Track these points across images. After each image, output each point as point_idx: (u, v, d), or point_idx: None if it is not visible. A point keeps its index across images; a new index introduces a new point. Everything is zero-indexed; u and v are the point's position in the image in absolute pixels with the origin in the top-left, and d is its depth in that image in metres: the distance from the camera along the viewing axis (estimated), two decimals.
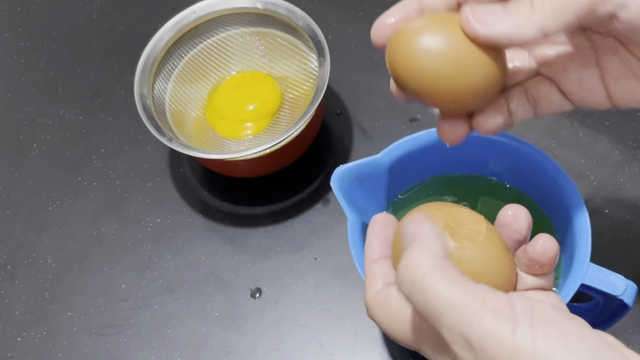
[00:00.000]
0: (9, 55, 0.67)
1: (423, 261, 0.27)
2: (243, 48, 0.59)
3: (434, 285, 0.26)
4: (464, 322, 0.25)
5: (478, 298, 0.26)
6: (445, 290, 0.26)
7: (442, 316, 0.26)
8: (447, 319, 0.26)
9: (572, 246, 0.40)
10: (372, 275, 0.32)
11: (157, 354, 0.51)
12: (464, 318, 0.25)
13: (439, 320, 0.26)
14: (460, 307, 0.26)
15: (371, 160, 0.42)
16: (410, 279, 0.27)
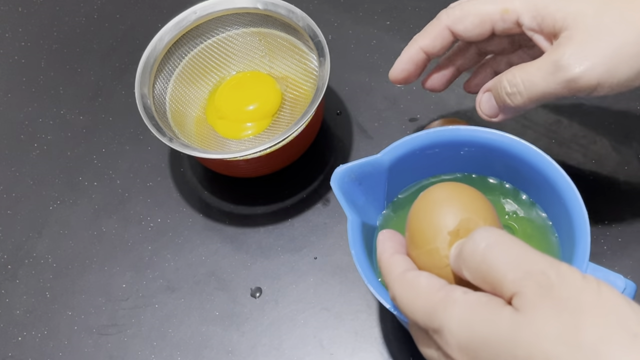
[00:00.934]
0: (9, 55, 0.67)
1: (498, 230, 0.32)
2: (243, 48, 0.59)
3: (516, 241, 0.31)
4: (545, 265, 0.29)
5: (552, 258, 0.30)
6: (526, 246, 0.30)
7: (523, 263, 0.29)
8: (529, 264, 0.29)
9: (572, 246, 0.40)
10: (392, 262, 0.35)
11: (158, 354, 0.51)
12: (543, 262, 0.29)
13: (517, 268, 0.29)
14: (541, 259, 0.30)
15: (371, 160, 0.42)
16: (490, 235, 0.31)
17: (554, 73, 0.38)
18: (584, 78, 0.38)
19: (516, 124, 0.56)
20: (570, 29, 0.38)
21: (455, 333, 0.30)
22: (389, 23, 0.64)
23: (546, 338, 0.27)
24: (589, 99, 0.57)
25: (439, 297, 0.31)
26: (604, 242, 0.50)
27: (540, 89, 0.39)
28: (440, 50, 0.44)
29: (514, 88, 0.40)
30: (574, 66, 0.38)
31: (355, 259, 0.40)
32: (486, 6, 0.41)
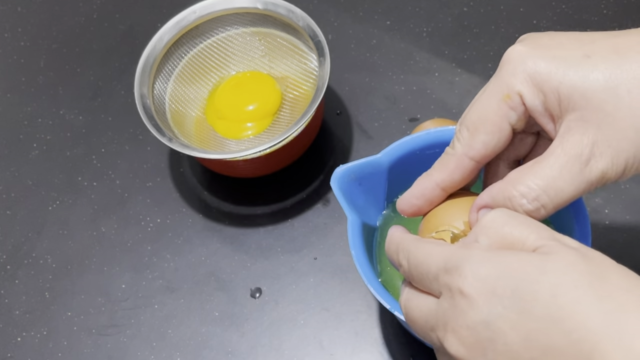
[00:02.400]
0: (9, 55, 0.67)
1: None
2: (243, 48, 0.59)
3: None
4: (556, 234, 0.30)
5: None
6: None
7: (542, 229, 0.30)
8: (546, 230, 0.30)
9: None
10: (407, 235, 0.35)
11: (157, 354, 0.51)
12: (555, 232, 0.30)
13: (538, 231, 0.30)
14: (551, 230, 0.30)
15: (371, 160, 0.42)
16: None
17: (581, 171, 0.31)
18: (612, 169, 0.31)
19: None
20: (581, 109, 0.31)
21: (475, 265, 0.28)
22: (389, 23, 0.64)
23: (575, 271, 0.27)
24: None
25: (457, 246, 0.31)
26: (605, 242, 0.50)
27: (569, 194, 0.31)
28: (462, 182, 0.36)
29: (536, 202, 0.32)
30: (600, 159, 0.31)
31: (355, 259, 0.40)
32: (490, 103, 0.33)
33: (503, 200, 0.32)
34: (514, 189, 0.32)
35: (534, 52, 0.32)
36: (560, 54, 0.32)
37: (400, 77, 0.60)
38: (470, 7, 0.63)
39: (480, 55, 0.60)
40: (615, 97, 0.30)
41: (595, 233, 0.40)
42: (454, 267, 0.29)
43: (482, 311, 0.28)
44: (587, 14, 0.61)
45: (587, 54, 0.31)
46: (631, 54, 0.31)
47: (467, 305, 0.28)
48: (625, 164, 0.31)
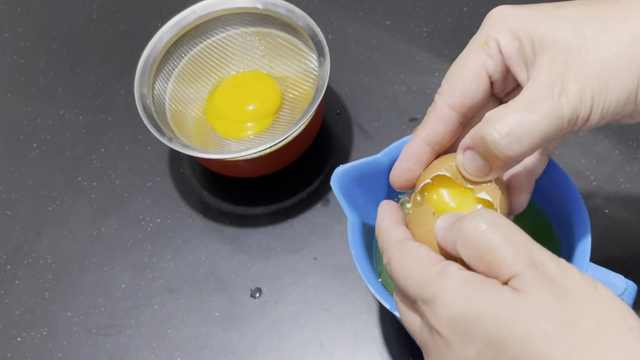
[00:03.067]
0: (8, 55, 0.67)
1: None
2: (243, 48, 0.59)
3: (515, 227, 0.30)
4: (548, 255, 0.29)
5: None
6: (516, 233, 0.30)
7: (521, 247, 0.29)
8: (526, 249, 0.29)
9: (572, 246, 0.40)
10: (394, 230, 0.34)
11: (157, 354, 0.51)
12: (545, 253, 0.29)
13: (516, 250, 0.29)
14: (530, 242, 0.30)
15: (371, 160, 0.42)
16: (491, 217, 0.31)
17: (552, 107, 0.32)
18: (581, 105, 0.32)
19: None
20: (550, 51, 0.33)
21: (449, 304, 0.29)
22: (389, 23, 0.64)
23: (546, 318, 0.27)
24: None
25: (436, 269, 0.31)
26: (605, 242, 0.50)
27: (542, 129, 0.32)
28: (446, 135, 0.36)
29: (509, 137, 0.32)
30: (570, 94, 0.32)
31: (355, 259, 0.40)
32: (469, 54, 0.35)
33: (480, 139, 0.33)
34: (487, 126, 0.33)
35: (513, 8, 0.35)
36: (536, 8, 0.35)
37: (400, 77, 0.60)
38: (470, 7, 0.63)
39: None
40: (581, 37, 0.33)
41: (595, 233, 0.40)
42: (430, 299, 0.30)
43: (458, 353, 0.29)
44: None
45: (559, 5, 0.34)
46: (597, 4, 0.34)
47: (443, 344, 0.29)
48: (592, 101, 0.32)
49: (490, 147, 0.33)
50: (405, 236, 0.34)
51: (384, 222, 0.35)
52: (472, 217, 0.31)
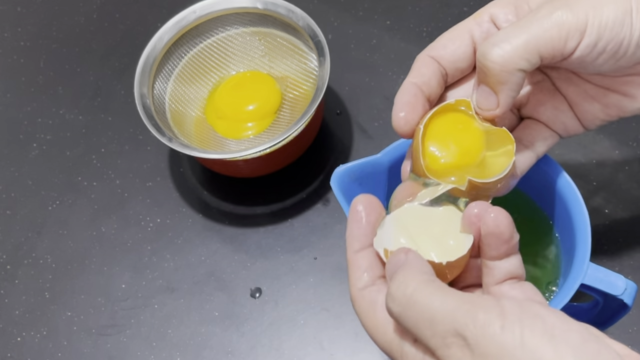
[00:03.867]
0: (8, 55, 0.67)
1: (413, 277, 0.29)
2: (243, 48, 0.59)
3: (427, 296, 0.28)
4: (459, 322, 0.26)
5: (469, 301, 0.27)
6: (438, 298, 0.27)
7: (436, 323, 0.27)
8: (441, 324, 0.27)
9: (572, 246, 0.40)
10: (356, 267, 0.32)
11: (157, 354, 0.51)
12: (458, 318, 0.27)
13: (433, 328, 0.27)
14: (454, 310, 0.27)
15: (371, 160, 0.42)
16: (402, 295, 0.28)
17: (543, 16, 0.33)
18: (573, 19, 0.33)
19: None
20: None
21: None
22: (389, 23, 0.64)
23: None
24: None
25: (395, 337, 0.30)
26: (605, 242, 0.50)
27: (534, 35, 0.33)
28: (432, 78, 0.36)
29: (499, 45, 0.33)
30: (563, 5, 0.33)
31: None
32: (461, 23, 0.37)
33: (477, 61, 0.34)
34: (482, 44, 0.34)
35: None
36: None
37: (401, 77, 0.60)
38: (470, 7, 0.63)
39: None
40: None
41: (595, 233, 0.40)
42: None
43: None
44: None
45: None
46: None
47: None
48: (587, 15, 0.32)
49: (482, 61, 0.33)
50: (365, 281, 0.32)
51: (347, 248, 0.33)
52: (386, 299, 0.29)
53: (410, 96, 0.36)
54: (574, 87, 0.38)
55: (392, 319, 0.30)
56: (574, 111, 0.38)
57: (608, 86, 0.37)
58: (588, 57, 0.33)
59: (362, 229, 0.33)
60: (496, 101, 0.35)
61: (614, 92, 0.37)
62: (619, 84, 0.36)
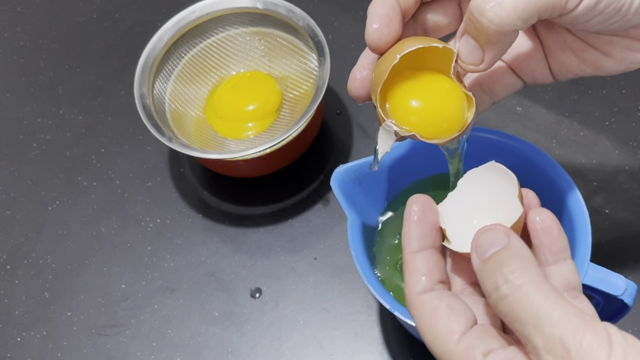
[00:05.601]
0: (8, 55, 0.67)
1: (527, 269, 0.28)
2: (243, 48, 0.59)
3: (539, 294, 0.27)
4: (567, 334, 0.26)
5: (579, 316, 0.27)
6: (551, 301, 0.27)
7: (542, 323, 0.26)
8: (548, 327, 0.26)
9: (573, 246, 0.40)
10: (414, 268, 0.31)
11: (157, 354, 0.51)
12: (566, 331, 0.26)
13: (538, 327, 0.26)
14: (565, 320, 0.26)
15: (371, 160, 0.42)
16: (516, 285, 0.27)
17: None
18: None
19: (517, 124, 0.56)
20: None
21: None
22: None
23: None
24: (590, 99, 0.57)
25: (458, 350, 0.29)
26: (605, 243, 0.50)
27: None
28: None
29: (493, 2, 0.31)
30: None
31: (355, 259, 0.40)
32: None
33: (468, 14, 0.32)
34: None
35: None
36: None
37: None
38: None
39: None
40: None
41: (595, 233, 0.39)
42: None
43: None
44: None
45: None
46: None
47: None
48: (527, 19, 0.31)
49: (477, 17, 0.31)
50: (425, 285, 0.31)
51: (405, 248, 0.32)
52: (494, 282, 0.28)
53: (387, 9, 0.33)
54: (555, 35, 0.36)
55: (455, 330, 0.29)
56: (547, 60, 0.37)
57: (591, 42, 0.36)
58: (583, 17, 0.32)
59: (420, 229, 0.32)
60: (481, 57, 0.33)
61: (595, 49, 0.36)
62: (602, 42, 0.35)
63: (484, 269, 0.29)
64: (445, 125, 0.34)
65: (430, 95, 0.33)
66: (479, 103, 0.36)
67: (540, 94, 0.58)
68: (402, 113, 0.33)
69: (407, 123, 0.33)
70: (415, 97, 0.33)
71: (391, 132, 0.33)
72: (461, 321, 0.29)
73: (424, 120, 0.33)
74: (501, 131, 0.43)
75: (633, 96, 0.57)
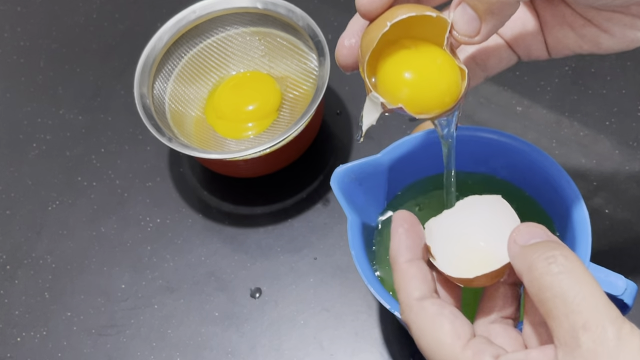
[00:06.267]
0: (8, 55, 0.67)
1: (574, 256, 0.28)
2: (243, 48, 0.59)
3: (590, 277, 0.27)
4: (611, 318, 0.26)
5: (618, 310, 0.27)
6: (598, 287, 0.27)
7: (590, 304, 0.27)
8: (594, 308, 0.27)
9: (573, 246, 0.40)
10: (410, 276, 0.31)
11: (157, 354, 0.51)
12: (611, 315, 0.27)
13: (585, 306, 0.27)
14: (610, 307, 0.27)
15: (371, 160, 0.42)
16: (569, 264, 0.27)
17: None
18: None
19: (517, 124, 0.56)
20: None
21: None
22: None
23: None
24: (591, 99, 0.57)
25: (466, 355, 0.28)
26: (605, 242, 0.50)
27: None
28: None
29: None
30: None
31: (355, 259, 0.40)
32: None
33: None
34: None
35: None
36: None
37: None
38: None
39: None
40: None
41: (596, 233, 0.39)
42: None
43: None
44: None
45: None
46: None
47: None
48: None
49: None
50: (423, 290, 0.31)
51: (398, 257, 0.32)
52: (546, 257, 0.28)
53: None
54: (553, 9, 0.35)
55: (461, 335, 0.29)
56: (544, 35, 0.36)
57: (590, 18, 0.34)
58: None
59: (410, 240, 0.32)
60: (478, 29, 0.31)
61: (594, 25, 0.35)
62: (602, 19, 0.34)
63: (527, 251, 0.29)
64: (436, 100, 0.32)
65: (422, 67, 0.32)
66: (471, 77, 0.34)
67: (540, 94, 0.58)
68: (391, 84, 0.32)
69: (396, 95, 0.32)
70: (406, 68, 0.32)
71: (378, 103, 0.32)
72: (466, 328, 0.29)
73: (413, 93, 0.32)
74: (501, 131, 0.43)
75: (633, 96, 0.57)
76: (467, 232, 0.34)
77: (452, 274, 0.32)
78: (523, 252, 0.29)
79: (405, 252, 0.32)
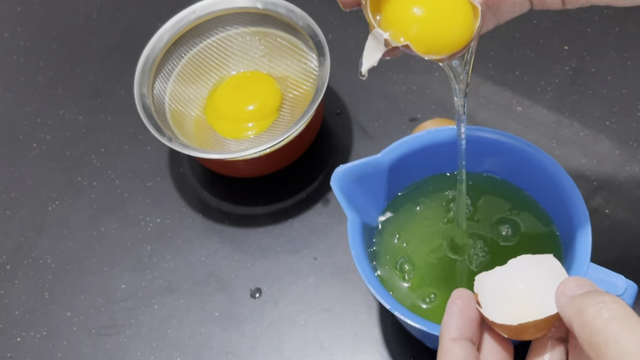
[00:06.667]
0: (8, 55, 0.67)
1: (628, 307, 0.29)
2: (243, 48, 0.59)
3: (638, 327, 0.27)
4: None
5: None
6: None
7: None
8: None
9: (573, 246, 0.40)
10: (451, 354, 0.31)
11: (157, 354, 0.51)
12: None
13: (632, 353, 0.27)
14: None
15: (371, 160, 0.42)
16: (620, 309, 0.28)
17: None
18: None
19: (517, 124, 0.56)
20: None
21: None
22: None
23: None
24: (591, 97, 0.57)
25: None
26: (605, 243, 0.50)
27: None
28: None
29: None
30: None
31: (355, 259, 0.40)
32: None
33: None
34: None
35: None
36: None
37: (401, 77, 0.60)
38: None
39: (480, 55, 0.60)
40: None
41: (596, 233, 0.39)
42: None
43: None
44: (587, 14, 0.61)
45: None
46: None
47: None
48: None
49: None
50: None
51: (446, 334, 0.32)
52: (597, 302, 0.28)
53: None
54: None
55: None
56: None
57: None
58: None
59: (462, 320, 0.32)
60: None
61: None
62: None
63: (577, 299, 0.29)
64: (446, 39, 0.29)
65: (432, 1, 0.29)
66: (483, 21, 0.32)
67: (540, 94, 0.58)
68: (398, 20, 0.29)
69: (403, 32, 0.29)
70: (414, 2, 0.29)
71: (381, 40, 0.29)
72: None
73: (422, 30, 0.29)
74: (501, 131, 0.43)
75: (633, 96, 0.57)
76: (516, 285, 0.34)
77: (497, 320, 0.32)
78: (572, 301, 0.30)
79: (453, 330, 0.32)
